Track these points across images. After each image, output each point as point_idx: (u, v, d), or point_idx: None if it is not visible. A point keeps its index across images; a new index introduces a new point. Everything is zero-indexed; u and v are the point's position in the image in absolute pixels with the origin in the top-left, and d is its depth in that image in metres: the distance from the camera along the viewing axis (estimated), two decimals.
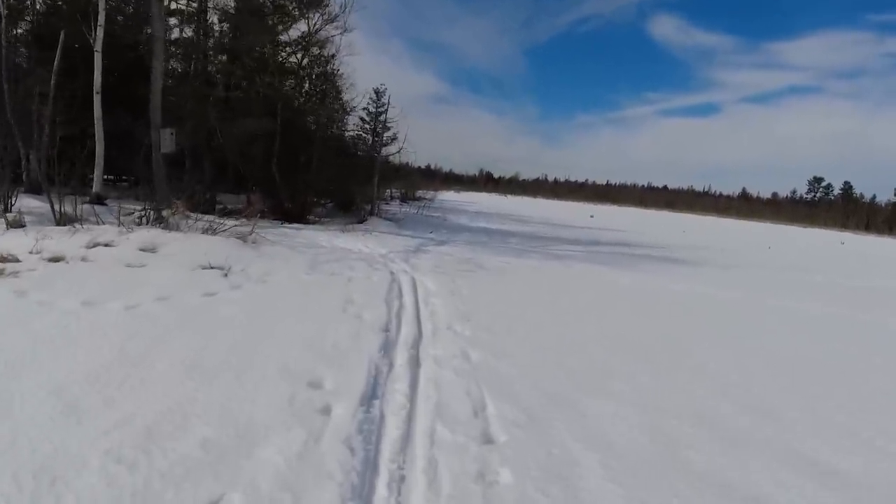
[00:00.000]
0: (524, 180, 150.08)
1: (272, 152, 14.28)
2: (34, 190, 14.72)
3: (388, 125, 26.72)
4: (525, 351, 4.88)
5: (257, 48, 14.52)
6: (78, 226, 9.27)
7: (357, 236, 11.81)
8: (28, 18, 19.35)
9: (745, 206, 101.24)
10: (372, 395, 3.69)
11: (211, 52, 13.45)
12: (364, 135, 27.77)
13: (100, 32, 12.87)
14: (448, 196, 50.17)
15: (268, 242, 9.48)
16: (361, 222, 14.53)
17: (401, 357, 4.49)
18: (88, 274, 6.28)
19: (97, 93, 12.98)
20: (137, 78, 14.48)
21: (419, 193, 35.07)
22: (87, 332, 4.38)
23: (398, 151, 16.96)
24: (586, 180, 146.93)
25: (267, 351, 4.25)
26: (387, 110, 18.67)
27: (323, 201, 16.66)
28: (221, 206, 16.63)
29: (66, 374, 3.58)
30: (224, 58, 14.43)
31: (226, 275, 6.87)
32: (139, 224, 10.21)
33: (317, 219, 15.38)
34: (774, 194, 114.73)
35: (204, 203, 14.93)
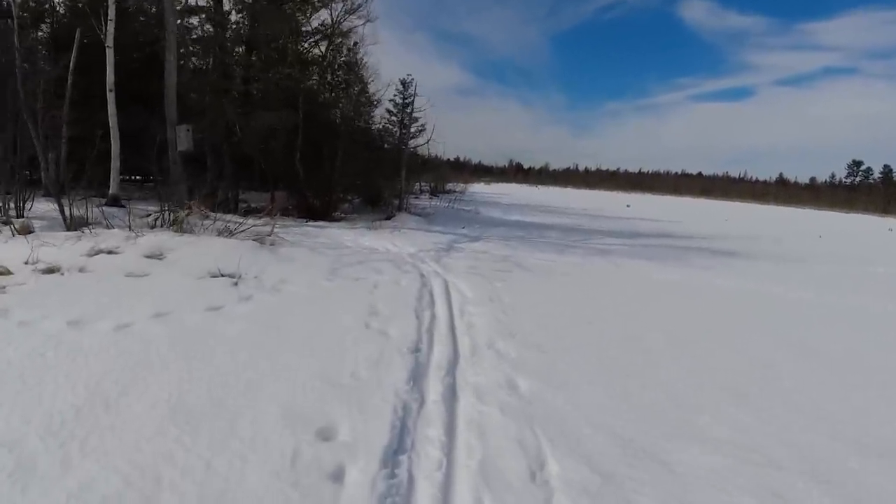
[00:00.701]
0: (554, 170, 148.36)
1: (295, 147, 13.61)
2: (53, 193, 14.35)
3: (416, 116, 25.83)
4: (585, 378, 4.01)
5: (277, 39, 13.84)
6: (88, 230, 8.71)
7: (384, 234, 11.05)
8: (47, 20, 19.13)
9: (782, 191, 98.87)
10: (398, 448, 2.88)
11: (228, 44, 12.79)
12: (391, 127, 27.03)
13: (110, 27, 12.34)
14: (478, 188, 49.19)
15: (287, 244, 8.76)
16: (389, 218, 13.77)
17: (434, 389, 3.67)
18: (82, 287, 5.62)
19: (110, 90, 12.46)
20: (154, 73, 13.97)
21: (449, 186, 34.24)
22: (65, 361, 3.67)
23: (426, 142, 16.12)
24: (618, 169, 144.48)
25: (271, 385, 3.48)
26: (413, 101, 17.80)
27: (349, 197, 15.97)
28: (245, 205, 16.09)
29: (25, 420, 2.87)
30: (242, 49, 13.77)
31: (236, 283, 6.15)
32: (153, 227, 9.63)
33: (343, 215, 14.69)
34: (812, 179, 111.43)
35: (226, 202, 14.39)
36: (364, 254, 8.66)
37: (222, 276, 6.42)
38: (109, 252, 7.07)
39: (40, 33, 18.35)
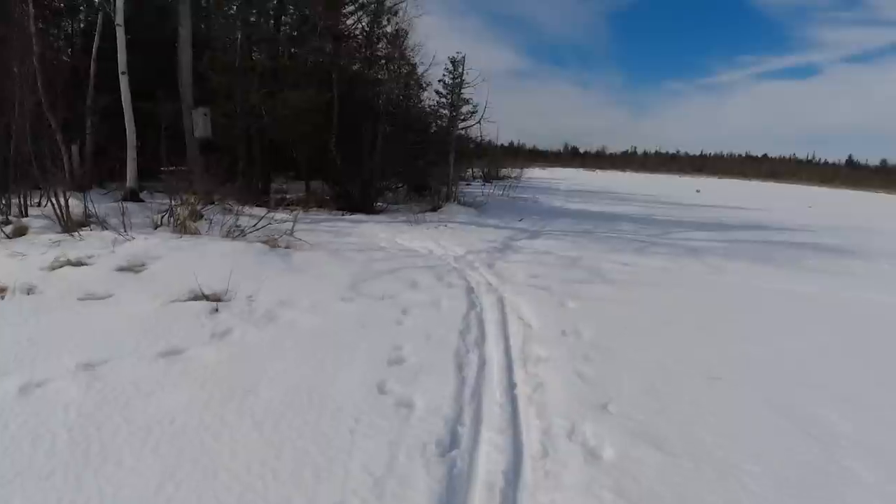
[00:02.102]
0: (611, 154, 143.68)
1: (330, 131, 12.08)
2: (76, 188, 13.36)
3: (467, 99, 23.99)
4: None
5: (306, 8, 12.29)
6: (78, 234, 7.43)
7: (428, 230, 9.36)
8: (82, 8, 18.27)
9: (852, 174, 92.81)
10: None
11: (255, 14, 11.32)
12: (441, 110, 25.30)
13: (119, 3, 11.06)
14: (534, 173, 46.90)
15: (306, 246, 7.20)
16: (435, 210, 12.07)
17: None
18: (14, 319, 4.18)
19: (123, 73, 11.21)
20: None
21: (503, 172, 32.27)
22: None
23: (478, 122, 14.27)
24: (678, 151, 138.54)
25: None
26: (462, 81, 16.01)
27: (394, 185, 14.37)
28: (280, 196, 14.75)
29: None
30: (270, 23, 12.28)
31: (217, 309, 4.60)
32: (158, 226, 8.28)
33: (385, 206, 13.10)
34: (883, 161, 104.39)
35: (256, 193, 13.05)
36: (400, 258, 7.00)
37: (205, 297, 4.88)
38: (78, 264, 5.66)
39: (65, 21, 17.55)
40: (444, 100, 16.97)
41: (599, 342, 4.13)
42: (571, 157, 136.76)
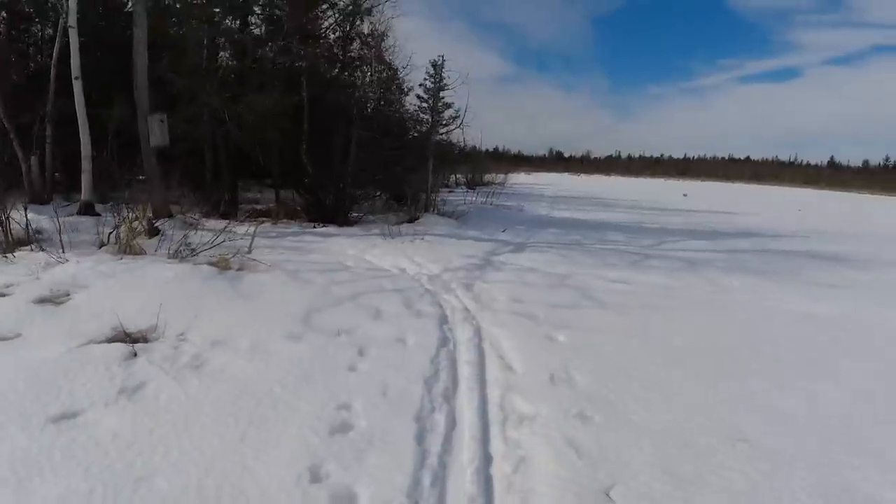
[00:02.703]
0: (596, 158, 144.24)
1: (300, 136, 11.28)
2: (37, 201, 12.46)
3: (449, 103, 23.26)
4: None
5: (276, 8, 11.51)
6: (23, 252, 6.66)
7: (402, 244, 8.58)
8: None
9: (834, 176, 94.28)
10: None
11: (219, 14, 10.49)
12: (422, 115, 24.59)
13: (72, 3, 10.20)
14: (518, 179, 46.23)
15: (263, 266, 6.40)
16: (412, 221, 11.29)
17: None
18: None
19: (76, 78, 10.34)
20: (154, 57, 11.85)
21: (487, 178, 31.59)
22: None
23: (458, 125, 13.52)
24: (661, 155, 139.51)
25: None
26: (442, 86, 15.34)
27: (375, 194, 13.56)
28: (251, 207, 13.90)
29: None
30: (236, 23, 11.46)
31: (136, 353, 3.80)
32: (102, 246, 7.44)
33: (360, 215, 12.31)
34: (865, 162, 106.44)
35: (224, 204, 12.21)
36: (366, 279, 6.22)
37: (127, 336, 4.07)
38: None
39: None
40: (425, 104, 16.25)
41: (597, 392, 3.38)
42: (556, 161, 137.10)
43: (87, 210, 10.36)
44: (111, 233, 7.73)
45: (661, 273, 7.47)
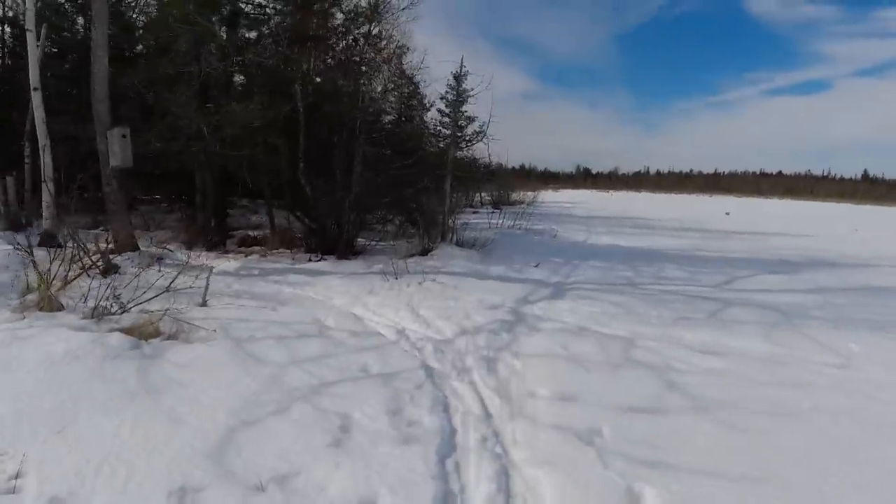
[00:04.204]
0: (624, 174, 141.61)
1: (295, 153, 9.55)
2: (13, 227, 10.98)
3: (471, 116, 21.26)
4: None
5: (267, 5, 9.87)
6: None
7: (408, 287, 6.71)
8: None
9: (871, 189, 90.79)
10: None
11: (192, 8, 8.85)
12: (442, 129, 22.91)
13: (29, 4, 8.71)
14: (547, 196, 44.13)
15: (203, 333, 4.59)
16: (426, 253, 9.41)
17: None
18: None
19: (35, 89, 8.82)
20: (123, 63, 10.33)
21: (514, 197, 29.63)
22: None
23: (482, 139, 11.65)
24: (691, 170, 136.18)
25: None
26: (464, 98, 13.58)
27: (382, 218, 11.76)
28: (244, 233, 12.22)
29: None
30: (223, 28, 9.82)
31: None
32: (26, 294, 5.75)
33: (369, 243, 10.52)
34: None
35: (210, 232, 10.53)
36: (345, 352, 4.34)
37: None
38: None
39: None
40: (445, 118, 14.46)
41: None
42: (584, 178, 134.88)
43: (48, 241, 8.73)
44: (45, 275, 6.07)
45: (754, 333, 5.44)
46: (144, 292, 5.32)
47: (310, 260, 9.17)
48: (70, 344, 4.03)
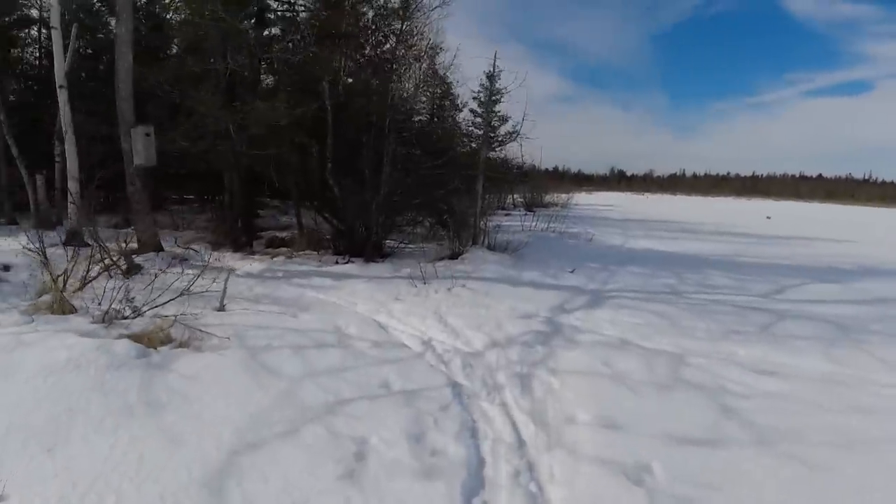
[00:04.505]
0: (659, 176, 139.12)
1: (323, 152, 9.30)
2: (43, 225, 11.00)
3: (504, 116, 20.79)
4: None
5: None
6: None
7: (437, 293, 6.36)
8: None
9: None
10: None
11: (218, 6, 8.66)
12: (474, 129, 22.50)
13: (55, 1, 8.64)
14: (580, 198, 43.32)
15: (214, 341, 4.30)
16: (456, 257, 9.05)
17: None
18: None
19: (60, 87, 8.76)
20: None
21: (548, 199, 29.09)
22: None
23: (515, 138, 11.25)
24: (728, 173, 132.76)
25: None
26: (498, 98, 13.23)
27: (412, 219, 11.44)
28: (272, 234, 12.04)
29: None
30: (251, 21, 9.62)
31: None
32: (41, 295, 5.58)
33: (396, 245, 10.23)
34: None
35: (237, 232, 10.36)
36: (365, 365, 4.00)
37: None
38: None
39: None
40: (478, 119, 14.11)
41: None
42: (618, 180, 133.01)
43: (74, 239, 8.64)
44: (60, 276, 5.90)
45: (812, 349, 4.92)
46: (160, 295, 5.10)
47: (336, 262, 8.90)
48: (73, 351, 3.79)
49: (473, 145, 13.83)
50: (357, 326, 4.90)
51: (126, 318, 4.83)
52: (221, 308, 5.33)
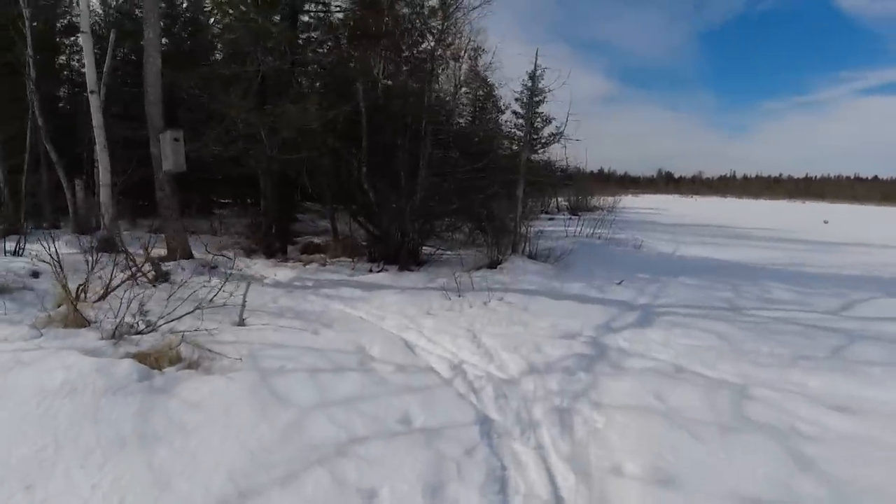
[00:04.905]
0: (708, 178, 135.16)
1: (358, 156, 9.00)
2: (81, 230, 11.12)
3: (549, 118, 20.18)
4: None
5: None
6: None
7: (471, 308, 5.92)
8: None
9: None
10: None
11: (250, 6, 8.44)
12: (517, 131, 21.97)
13: (83, 4, 8.57)
14: (627, 202, 42.10)
15: (226, 361, 3.97)
16: (494, 266, 8.57)
17: None
18: None
19: (91, 92, 8.68)
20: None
21: (593, 202, 28.27)
22: None
23: (558, 139, 10.70)
24: (780, 174, 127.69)
25: None
26: (541, 98, 12.74)
27: (454, 225, 11.04)
28: (307, 240, 11.83)
29: None
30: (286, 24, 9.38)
31: None
32: (57, 308, 5.40)
33: (434, 251, 9.85)
34: None
35: (269, 238, 10.17)
36: (385, 394, 3.58)
37: None
38: None
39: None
40: (520, 120, 13.61)
41: None
42: (665, 182, 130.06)
43: (106, 246, 8.55)
44: (81, 286, 5.74)
45: (891, 379, 4.27)
46: (178, 307, 4.82)
47: (370, 270, 8.57)
48: (71, 373, 3.51)
49: (514, 147, 13.33)
50: (382, 346, 4.50)
51: (140, 332, 4.57)
52: (241, 323, 5.02)
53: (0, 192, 12.47)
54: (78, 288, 5.74)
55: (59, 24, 14.78)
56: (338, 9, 9.88)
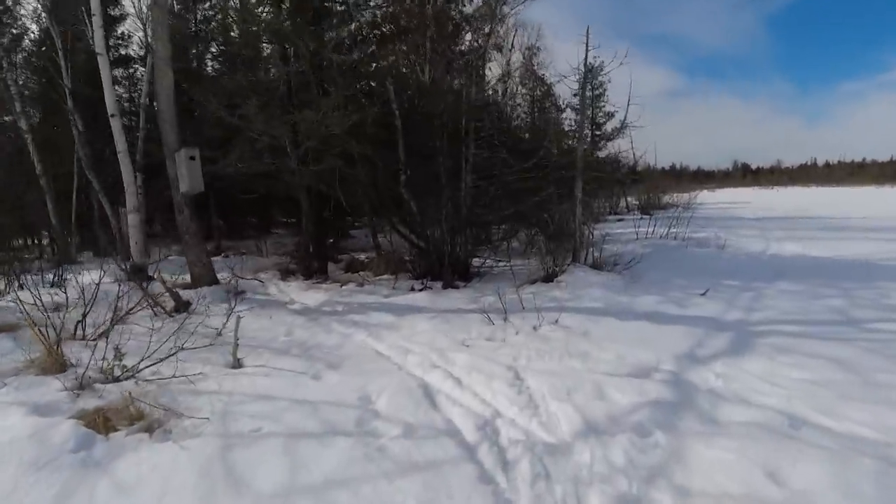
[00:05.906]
0: (787, 168, 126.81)
1: (396, 166, 8.17)
2: (127, 257, 10.84)
3: (610, 112, 19.17)
4: None
5: None
6: None
7: (515, 336, 4.88)
8: None
9: None
10: None
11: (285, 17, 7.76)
12: (572, 125, 20.80)
13: (96, 26, 8.18)
14: (703, 197, 39.45)
15: (188, 424, 3.13)
16: (550, 279, 7.44)
17: None
18: None
19: (112, 115, 8.26)
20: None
21: (666, 199, 26.32)
22: None
23: (621, 130, 9.48)
24: (864, 159, 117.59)
25: None
26: (603, 92, 11.48)
27: (507, 232, 10.01)
28: (350, 256, 11.09)
29: None
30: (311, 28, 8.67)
31: None
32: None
33: (483, 262, 8.83)
34: None
35: (308, 258, 9.49)
36: (373, 478, 2.61)
37: None
38: None
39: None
40: (579, 116, 12.48)
41: None
42: (742, 174, 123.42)
43: (137, 274, 8.08)
44: (78, 323, 5.17)
45: None
46: (175, 345, 4.07)
47: (412, 289, 7.68)
48: (2, 437, 2.78)
49: (570, 142, 12.14)
50: (392, 396, 3.52)
51: (117, 379, 3.83)
52: (236, 364, 4.21)
53: (49, 222, 12.50)
54: (76, 325, 5.18)
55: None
56: (366, 6, 9.10)
